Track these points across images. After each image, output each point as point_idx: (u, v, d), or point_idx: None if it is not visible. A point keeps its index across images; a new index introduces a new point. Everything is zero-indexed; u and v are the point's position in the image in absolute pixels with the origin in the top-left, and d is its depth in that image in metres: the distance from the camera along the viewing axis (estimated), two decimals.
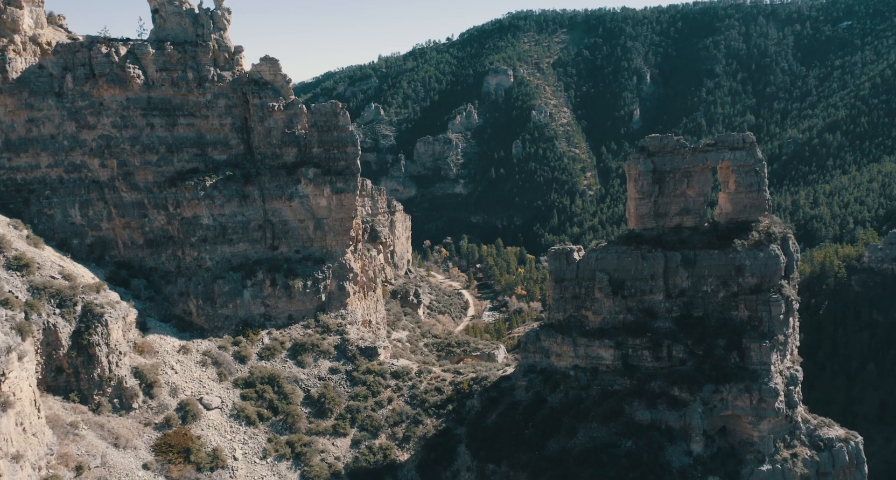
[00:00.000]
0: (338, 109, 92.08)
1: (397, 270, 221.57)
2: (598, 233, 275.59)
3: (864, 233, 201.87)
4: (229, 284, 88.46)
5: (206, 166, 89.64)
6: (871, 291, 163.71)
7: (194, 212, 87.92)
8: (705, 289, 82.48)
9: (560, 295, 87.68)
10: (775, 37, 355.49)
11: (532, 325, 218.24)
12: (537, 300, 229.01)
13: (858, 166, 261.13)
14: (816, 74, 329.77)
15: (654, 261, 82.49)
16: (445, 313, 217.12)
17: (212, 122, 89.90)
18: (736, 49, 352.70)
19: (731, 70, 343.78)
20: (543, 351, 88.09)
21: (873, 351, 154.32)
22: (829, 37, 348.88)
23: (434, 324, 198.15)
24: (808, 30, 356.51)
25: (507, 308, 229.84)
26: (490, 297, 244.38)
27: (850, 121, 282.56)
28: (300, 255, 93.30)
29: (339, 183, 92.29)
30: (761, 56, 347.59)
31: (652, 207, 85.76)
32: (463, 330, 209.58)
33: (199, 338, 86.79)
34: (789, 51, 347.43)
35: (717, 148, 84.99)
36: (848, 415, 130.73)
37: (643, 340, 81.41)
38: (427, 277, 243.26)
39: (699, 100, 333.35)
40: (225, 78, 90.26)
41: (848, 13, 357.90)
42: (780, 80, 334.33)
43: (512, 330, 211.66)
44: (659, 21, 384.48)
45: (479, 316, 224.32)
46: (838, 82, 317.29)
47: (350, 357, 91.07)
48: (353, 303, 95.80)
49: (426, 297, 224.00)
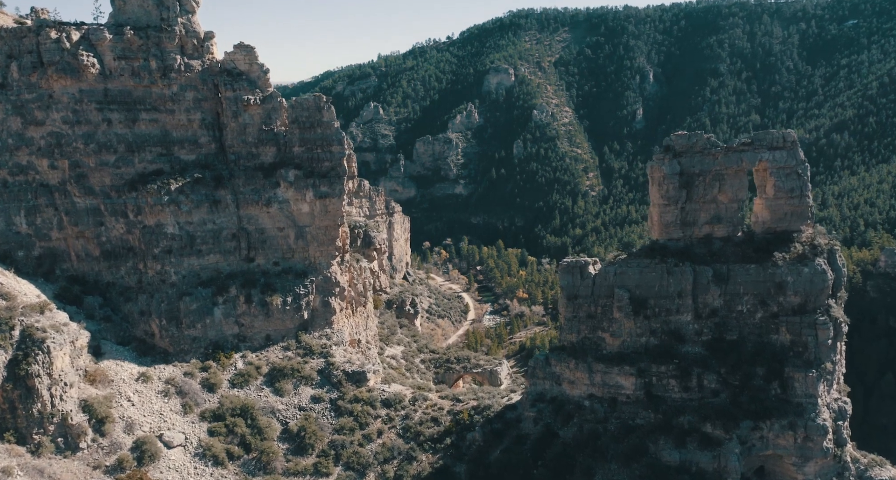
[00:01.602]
0: (322, 103, 79.67)
1: (395, 273, 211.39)
2: (601, 234, 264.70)
3: (876, 236, 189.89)
4: (197, 301, 76.31)
5: (171, 167, 77.74)
6: (887, 297, 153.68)
7: (158, 219, 75.83)
8: (740, 309, 71.79)
9: (573, 314, 75.77)
10: (780, 35, 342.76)
11: (534, 330, 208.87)
12: (539, 303, 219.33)
13: (867, 167, 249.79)
14: (822, 73, 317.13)
15: (681, 277, 71.14)
16: (445, 317, 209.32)
17: (178, 118, 77.85)
18: (740, 48, 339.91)
19: (736, 69, 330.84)
20: (554, 377, 76.29)
21: (891, 360, 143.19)
22: (834, 35, 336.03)
23: (432, 334, 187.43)
24: (814, 28, 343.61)
25: (508, 311, 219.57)
26: (491, 300, 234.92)
27: (857, 120, 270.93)
28: (279, 268, 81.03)
29: (323, 186, 79.98)
30: (766, 55, 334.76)
31: (678, 215, 73.97)
32: (463, 334, 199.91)
33: (162, 364, 74.69)
34: (794, 50, 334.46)
35: (753, 147, 73.00)
36: (865, 427, 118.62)
37: (669, 367, 70.53)
38: (426, 280, 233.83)
39: (703, 99, 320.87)
40: (193, 67, 77.92)
41: (854, 12, 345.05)
42: (786, 79, 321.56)
43: (513, 335, 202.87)
44: (662, 19, 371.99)
45: (479, 319, 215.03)
46: (845, 81, 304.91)
47: (335, 383, 78.79)
48: (339, 321, 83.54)
49: (425, 301, 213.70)
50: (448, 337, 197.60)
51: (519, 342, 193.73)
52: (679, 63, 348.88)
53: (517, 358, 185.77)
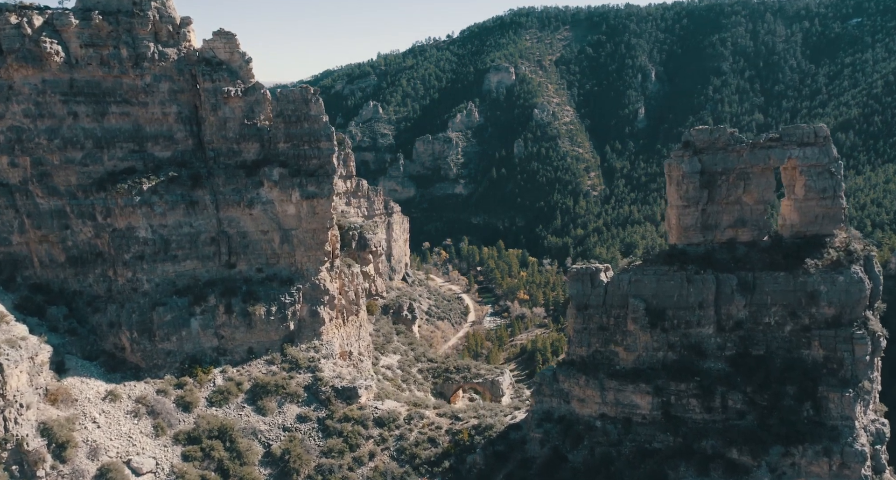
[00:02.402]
0: (309, 95, 72.13)
1: (394, 274, 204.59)
2: (603, 235, 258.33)
3: (885, 237, 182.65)
4: (172, 312, 68.95)
5: (144, 165, 70.39)
6: None
7: (128, 222, 68.48)
8: (768, 322, 65.07)
9: (583, 325, 68.47)
10: (783, 34, 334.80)
11: (535, 332, 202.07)
12: (540, 305, 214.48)
13: (873, 166, 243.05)
14: (826, 72, 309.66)
15: (702, 286, 64.11)
16: (445, 319, 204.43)
17: (152, 111, 70.51)
18: (743, 46, 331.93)
19: (739, 68, 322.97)
20: (562, 394, 68.99)
21: None
22: (838, 34, 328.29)
23: (432, 336, 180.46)
24: (817, 27, 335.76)
25: (508, 313, 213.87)
26: (491, 302, 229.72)
27: (862, 120, 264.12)
28: (263, 275, 73.62)
29: (310, 186, 72.45)
30: (769, 53, 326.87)
31: (699, 217, 66.68)
32: (463, 336, 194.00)
33: (133, 381, 67.32)
34: (798, 48, 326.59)
35: (781, 143, 65.59)
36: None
37: (689, 385, 63.72)
38: (426, 281, 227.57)
39: (706, 98, 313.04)
40: (168, 56, 70.44)
41: (857, 10, 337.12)
42: (789, 77, 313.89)
43: (514, 338, 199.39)
44: (664, 18, 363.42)
45: (479, 321, 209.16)
46: (849, 80, 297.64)
47: (323, 400, 71.31)
48: (328, 332, 76.04)
49: (425, 302, 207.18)
50: (448, 339, 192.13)
51: (520, 344, 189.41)
52: (681, 62, 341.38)
53: (518, 361, 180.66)
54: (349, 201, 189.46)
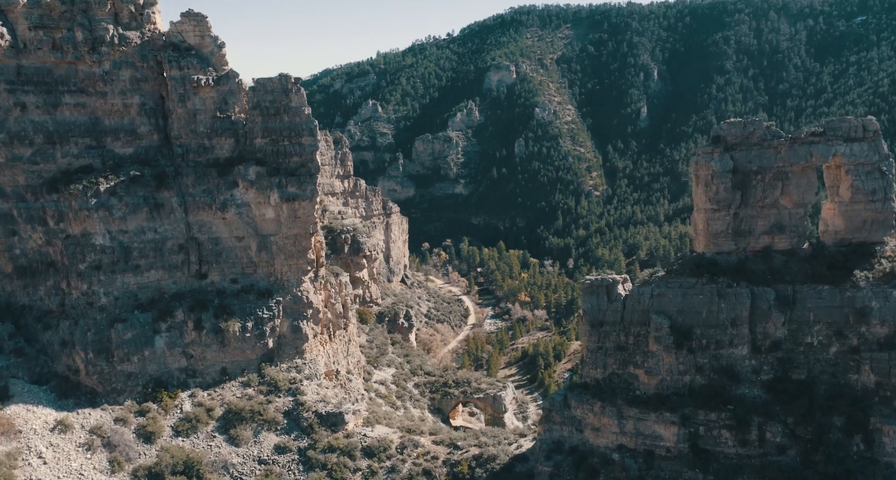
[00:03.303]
0: (289, 84, 63.02)
1: (393, 276, 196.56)
2: (606, 235, 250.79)
3: None
4: (134, 329, 60.02)
5: (102, 163, 61.54)
6: None
7: (84, 227, 59.51)
8: (810, 342, 57.00)
9: (598, 344, 59.63)
10: (787, 32, 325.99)
11: (537, 335, 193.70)
12: (542, 307, 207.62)
13: None
14: (831, 71, 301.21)
15: (735, 300, 55.81)
16: (444, 322, 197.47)
17: (111, 102, 61.64)
18: (747, 45, 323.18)
19: (742, 66, 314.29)
20: (574, 422, 60.14)
21: None
22: (843, 32, 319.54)
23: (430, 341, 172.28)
24: (822, 25, 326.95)
25: (509, 316, 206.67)
26: (492, 304, 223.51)
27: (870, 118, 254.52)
28: (238, 286, 64.62)
29: (290, 186, 63.41)
30: (773, 52, 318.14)
31: (731, 222, 57.86)
32: (463, 340, 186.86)
33: (88, 408, 58.46)
34: (802, 46, 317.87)
35: (825, 138, 56.62)
36: None
37: (721, 415, 55.63)
38: (425, 282, 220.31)
39: (709, 97, 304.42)
40: (130, 40, 61.38)
41: (862, 8, 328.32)
42: (794, 76, 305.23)
43: (515, 341, 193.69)
44: (666, 16, 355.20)
45: (480, 324, 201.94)
46: (855, 79, 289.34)
47: (305, 428, 62.28)
48: (312, 350, 67.00)
49: (424, 305, 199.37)
50: (447, 342, 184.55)
51: (521, 348, 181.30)
52: (684, 60, 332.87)
53: (519, 366, 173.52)
54: (346, 201, 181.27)
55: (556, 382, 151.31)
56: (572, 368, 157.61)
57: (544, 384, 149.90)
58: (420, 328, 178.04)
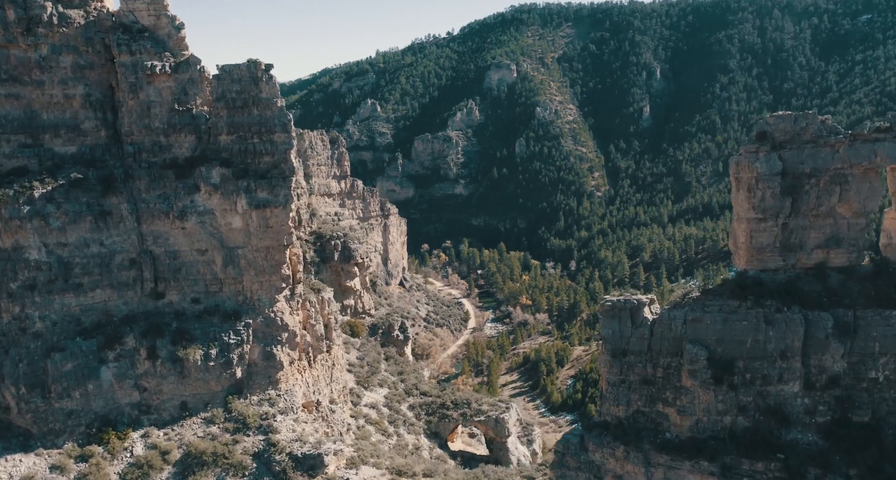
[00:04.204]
0: (259, 72, 52.95)
1: (391, 279, 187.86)
2: (608, 237, 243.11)
3: None
4: (75, 359, 50.12)
5: (39, 164, 51.56)
6: None
7: (15, 239, 49.61)
8: (874, 377, 47.35)
9: (620, 377, 49.95)
10: (791, 31, 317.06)
11: (538, 340, 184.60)
12: (543, 311, 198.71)
13: None
14: (836, 70, 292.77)
15: (786, 328, 46.52)
16: (444, 326, 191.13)
17: (50, 93, 51.67)
18: (750, 43, 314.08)
19: (746, 65, 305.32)
20: (593, 468, 50.51)
21: None
22: (848, 31, 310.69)
23: (429, 346, 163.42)
24: (826, 23, 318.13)
25: (510, 319, 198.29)
26: (492, 307, 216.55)
27: (876, 118, 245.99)
28: (200, 307, 54.65)
29: (261, 191, 53.40)
30: (777, 51, 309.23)
31: (779, 234, 47.76)
32: (463, 344, 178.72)
33: (19, 453, 48.57)
34: (807, 45, 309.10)
35: (893, 135, 45.93)
36: None
37: (770, 465, 46.92)
38: (424, 285, 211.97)
39: (713, 96, 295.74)
40: (72, 20, 51.38)
41: (867, 6, 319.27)
42: (798, 75, 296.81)
43: (517, 346, 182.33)
44: (668, 14, 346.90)
45: (480, 328, 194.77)
46: (861, 78, 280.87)
47: (278, 473, 52.25)
48: (288, 379, 56.99)
49: (423, 308, 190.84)
50: (447, 347, 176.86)
51: (523, 353, 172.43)
52: (687, 59, 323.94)
53: (521, 371, 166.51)
54: (343, 202, 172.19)
55: (559, 389, 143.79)
56: (575, 374, 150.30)
57: (546, 391, 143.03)
58: (419, 332, 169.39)
